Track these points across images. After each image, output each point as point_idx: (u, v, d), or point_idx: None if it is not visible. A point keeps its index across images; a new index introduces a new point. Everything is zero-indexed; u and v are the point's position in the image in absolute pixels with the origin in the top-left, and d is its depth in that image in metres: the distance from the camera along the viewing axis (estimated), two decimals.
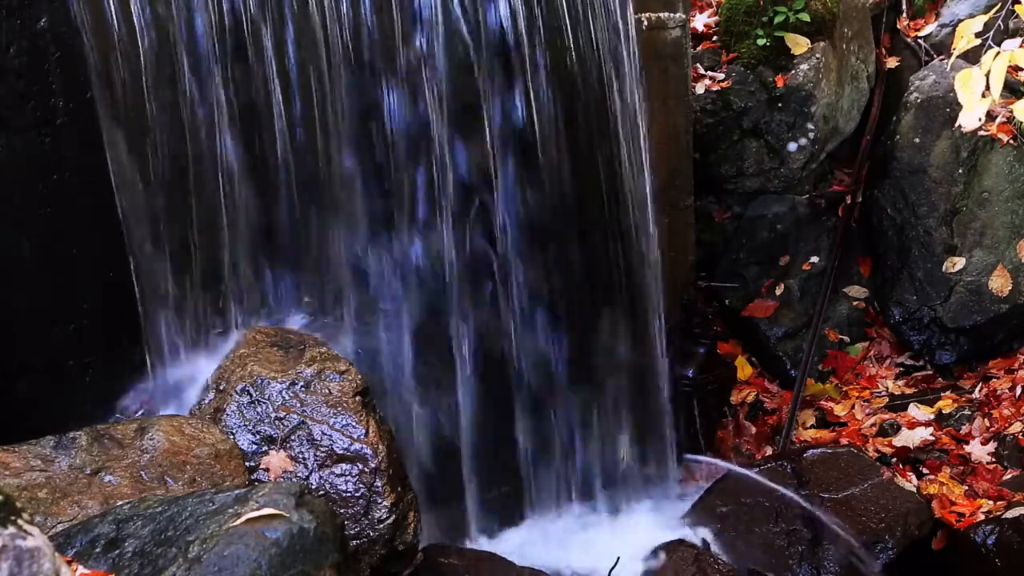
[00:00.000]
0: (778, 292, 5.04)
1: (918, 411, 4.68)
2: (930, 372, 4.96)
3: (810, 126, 4.99)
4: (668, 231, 4.37)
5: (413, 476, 3.14)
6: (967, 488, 4.23)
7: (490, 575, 3.38)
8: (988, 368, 4.84)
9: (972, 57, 3.37)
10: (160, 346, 3.13)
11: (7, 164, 2.82)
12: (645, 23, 4.16)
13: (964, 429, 4.55)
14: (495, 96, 3.56)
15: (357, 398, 2.95)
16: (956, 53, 2.99)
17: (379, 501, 2.82)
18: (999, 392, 4.68)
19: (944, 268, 4.92)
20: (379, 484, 2.83)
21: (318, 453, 2.85)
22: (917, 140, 5.05)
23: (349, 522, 2.72)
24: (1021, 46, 2.78)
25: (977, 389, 4.75)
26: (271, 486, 2.22)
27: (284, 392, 2.94)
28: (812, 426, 4.76)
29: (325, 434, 2.87)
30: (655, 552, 3.69)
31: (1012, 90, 4.37)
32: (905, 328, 5.01)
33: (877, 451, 4.49)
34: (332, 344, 3.17)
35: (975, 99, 2.73)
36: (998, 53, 2.71)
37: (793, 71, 4.94)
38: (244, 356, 3.04)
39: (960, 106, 2.82)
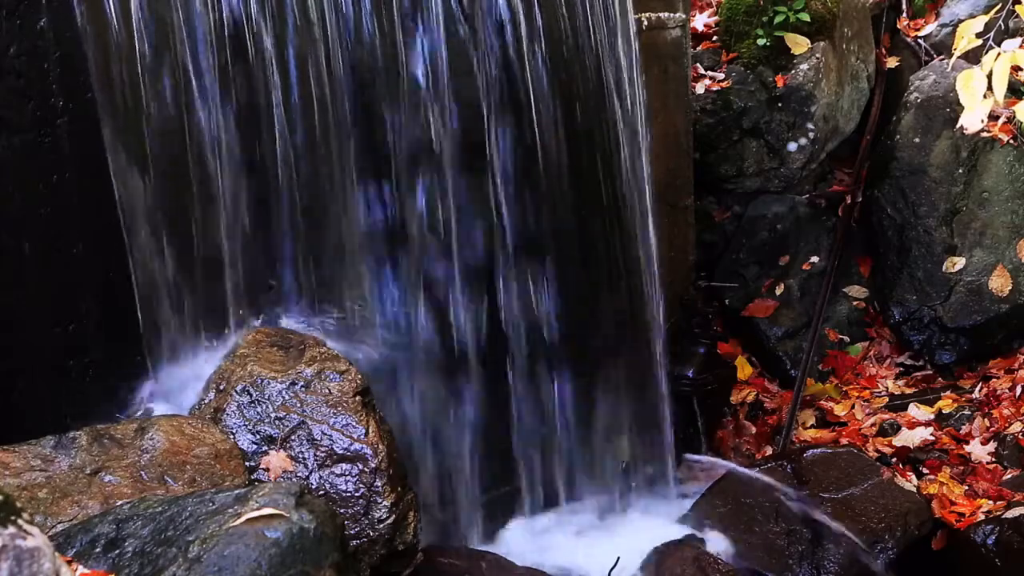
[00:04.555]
0: (778, 292, 5.04)
1: (918, 411, 4.68)
2: (930, 372, 4.95)
3: (810, 126, 4.99)
4: (668, 231, 4.37)
5: (413, 476, 3.14)
6: (967, 488, 4.23)
7: (490, 575, 3.38)
8: (988, 368, 4.84)
9: (972, 57, 3.37)
10: (160, 346, 3.12)
11: (7, 164, 2.81)
12: (645, 23, 4.16)
13: (964, 429, 4.55)
14: (495, 96, 3.56)
15: (357, 398, 2.95)
16: (957, 54, 2.99)
17: (379, 501, 2.82)
18: (999, 392, 4.68)
19: (944, 268, 4.92)
20: (379, 484, 2.83)
21: (318, 453, 2.85)
22: (917, 140, 5.05)
23: (349, 522, 2.72)
24: (1022, 46, 2.78)
25: (977, 389, 4.75)
26: (271, 486, 2.22)
27: (284, 392, 2.94)
28: (812, 426, 4.76)
29: (325, 434, 2.87)
30: (655, 552, 3.69)
31: (1013, 90, 4.37)
32: (905, 328, 5.01)
33: (877, 451, 4.49)
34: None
35: (977, 100, 2.73)
36: (999, 54, 2.71)
37: (793, 71, 4.94)
38: (244, 356, 3.04)
39: (960, 106, 2.82)
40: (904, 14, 5.49)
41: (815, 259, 5.12)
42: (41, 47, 2.82)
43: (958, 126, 3.44)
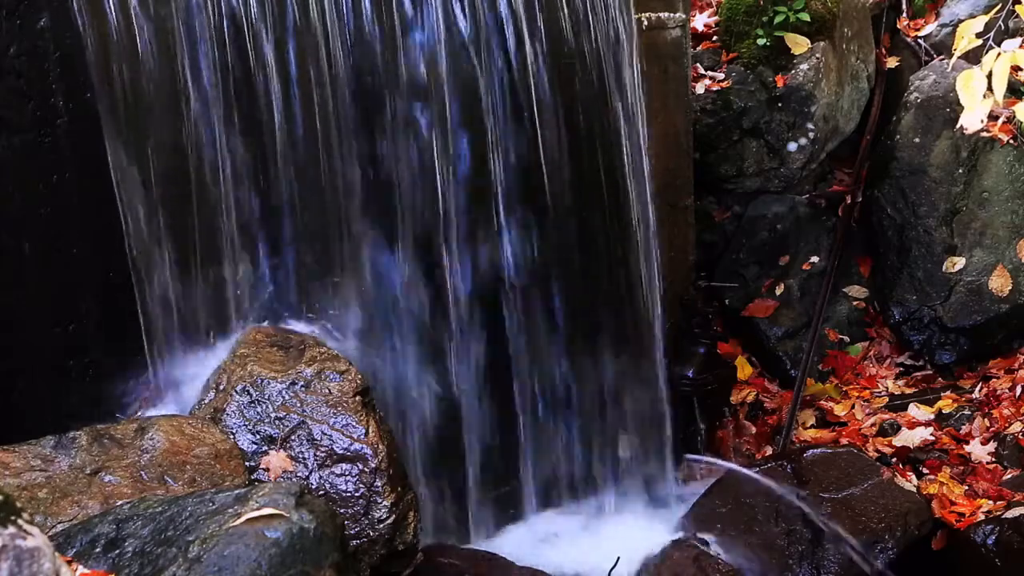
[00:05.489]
0: (778, 292, 5.04)
1: (918, 411, 4.68)
2: (930, 372, 4.95)
3: (810, 126, 4.99)
4: (668, 231, 4.37)
5: (413, 476, 3.14)
6: (967, 488, 4.22)
7: (490, 575, 3.38)
8: (988, 368, 4.83)
9: (972, 57, 3.37)
10: (160, 346, 3.12)
11: (7, 164, 2.81)
12: (645, 23, 4.16)
13: (964, 429, 4.55)
14: (495, 96, 3.56)
15: (357, 398, 2.95)
16: (957, 54, 2.99)
17: (379, 501, 2.82)
18: (999, 392, 4.68)
19: (944, 268, 4.92)
20: (379, 484, 2.83)
21: (318, 453, 2.85)
22: (917, 140, 5.05)
23: (349, 522, 2.72)
24: (1021, 46, 2.78)
25: (977, 389, 4.75)
26: (271, 486, 2.22)
27: (284, 392, 2.94)
28: (812, 426, 4.76)
29: (325, 434, 2.87)
30: (655, 552, 3.69)
31: (1013, 90, 4.37)
32: (905, 328, 5.01)
33: (877, 451, 4.49)
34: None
35: (976, 100, 2.73)
36: (999, 54, 2.70)
37: (793, 71, 4.94)
38: (244, 356, 3.04)
39: (960, 106, 2.82)
40: (904, 14, 5.49)
41: (815, 259, 5.11)
42: (41, 47, 2.82)
43: (958, 126, 3.44)
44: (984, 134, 4.82)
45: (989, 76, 2.72)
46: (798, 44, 4.95)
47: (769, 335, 4.99)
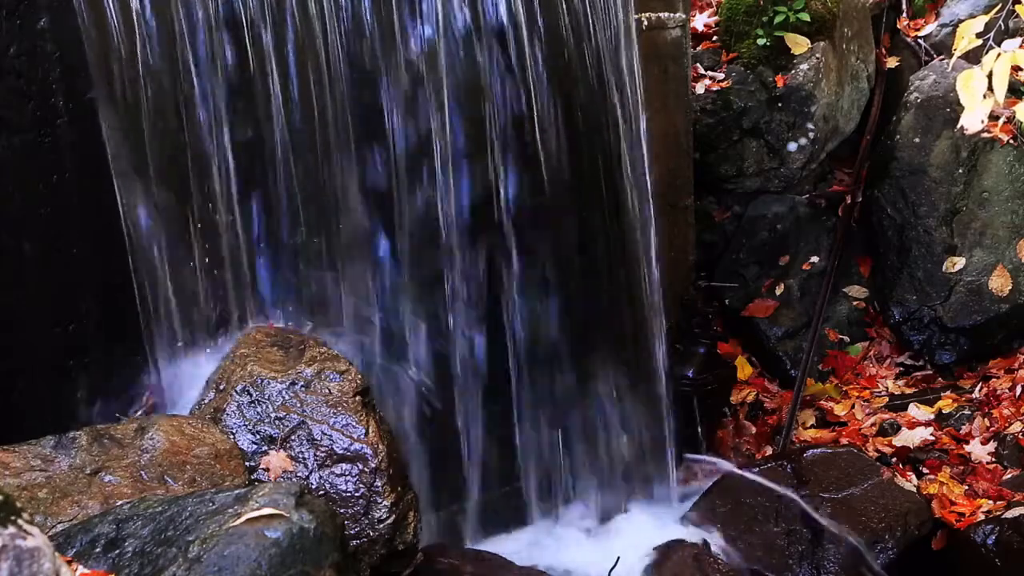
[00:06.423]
0: (778, 292, 5.04)
1: (918, 411, 4.68)
2: (930, 372, 4.95)
3: (810, 126, 4.99)
4: (668, 231, 4.37)
5: (413, 476, 3.14)
6: (967, 488, 4.22)
7: (490, 575, 3.38)
8: (988, 368, 4.83)
9: (972, 57, 3.37)
10: (160, 346, 3.12)
11: (7, 164, 2.81)
12: (645, 23, 4.16)
13: (964, 429, 4.55)
14: (495, 96, 3.56)
15: (357, 398, 2.95)
16: (957, 54, 2.98)
17: (379, 501, 2.82)
18: (999, 392, 4.68)
19: (944, 268, 4.92)
20: (379, 484, 2.83)
21: (318, 453, 2.85)
22: (917, 140, 5.05)
23: (349, 522, 2.73)
24: (1022, 46, 2.77)
25: (977, 389, 4.75)
26: (271, 486, 2.22)
27: (284, 392, 2.94)
28: (812, 426, 4.76)
29: (325, 434, 2.87)
30: (655, 552, 3.69)
31: (1013, 90, 4.36)
32: (905, 328, 5.01)
33: (877, 451, 4.49)
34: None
35: (977, 100, 2.73)
36: (999, 54, 2.70)
37: (793, 71, 4.94)
38: (244, 356, 3.04)
39: (960, 106, 2.82)
40: (904, 14, 5.49)
41: (815, 259, 5.12)
42: (41, 47, 2.82)
43: (958, 126, 3.44)
44: (984, 134, 4.82)
45: (989, 76, 2.72)
46: (798, 44, 4.95)
47: (769, 335, 4.99)
